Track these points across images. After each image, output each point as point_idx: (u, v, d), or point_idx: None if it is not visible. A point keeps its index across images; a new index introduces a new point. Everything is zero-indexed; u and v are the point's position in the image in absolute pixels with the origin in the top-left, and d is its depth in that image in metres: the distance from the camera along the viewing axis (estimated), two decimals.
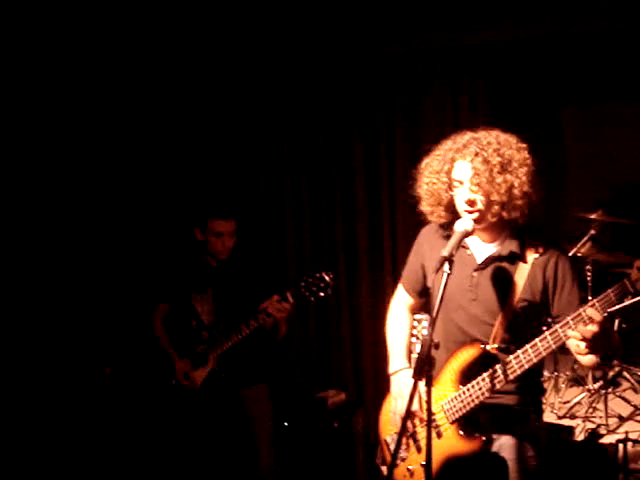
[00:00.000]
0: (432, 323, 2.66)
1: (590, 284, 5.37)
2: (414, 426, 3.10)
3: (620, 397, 5.49)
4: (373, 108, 5.40)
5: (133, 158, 5.41)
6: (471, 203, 2.87)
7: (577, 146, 6.87)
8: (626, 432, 4.54)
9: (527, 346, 2.80)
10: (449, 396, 2.98)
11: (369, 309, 5.39)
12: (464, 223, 2.83)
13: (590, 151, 6.70)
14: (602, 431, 4.85)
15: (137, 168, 5.43)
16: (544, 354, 2.79)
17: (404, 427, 2.75)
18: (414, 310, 3.39)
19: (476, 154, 2.86)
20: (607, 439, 4.67)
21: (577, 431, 4.80)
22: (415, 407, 3.04)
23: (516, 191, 2.84)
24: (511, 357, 2.83)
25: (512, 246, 2.96)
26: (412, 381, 2.90)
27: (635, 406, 5.24)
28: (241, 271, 4.38)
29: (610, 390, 5.24)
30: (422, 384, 2.79)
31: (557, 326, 2.74)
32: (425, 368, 2.62)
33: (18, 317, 4.83)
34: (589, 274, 5.40)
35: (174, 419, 4.34)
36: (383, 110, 5.38)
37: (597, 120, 6.56)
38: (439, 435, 2.98)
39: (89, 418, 4.88)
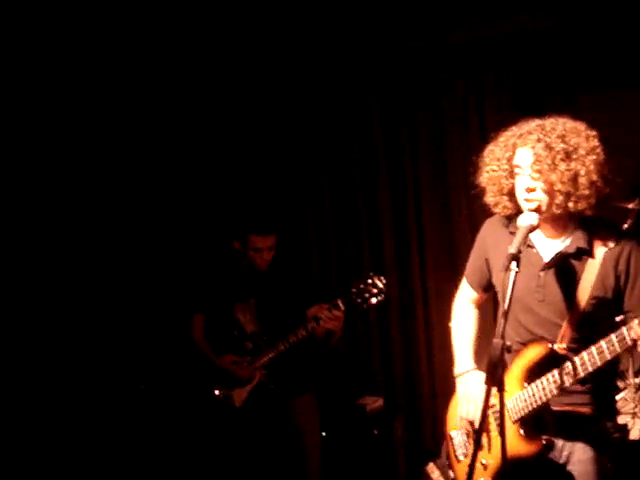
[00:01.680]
0: (503, 325, 2.53)
1: None
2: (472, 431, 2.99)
3: None
4: (395, 107, 5.34)
5: (176, 167, 5.37)
6: (530, 191, 2.74)
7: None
8: None
9: (592, 348, 2.68)
10: (514, 395, 2.87)
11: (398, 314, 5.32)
12: (529, 217, 2.72)
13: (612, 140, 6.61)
14: None
15: (179, 177, 5.38)
16: (609, 357, 2.66)
17: (479, 435, 2.61)
18: (480, 305, 3.27)
19: (538, 140, 2.74)
20: None
21: (630, 429, 4.67)
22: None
23: (583, 180, 2.71)
24: (576, 359, 2.71)
25: (580, 241, 2.83)
26: (480, 385, 2.85)
27: None
28: (283, 279, 4.28)
29: None
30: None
31: (623, 329, 2.62)
32: (498, 373, 2.50)
33: (53, 331, 4.74)
34: None
35: (218, 433, 4.24)
36: (405, 109, 5.33)
37: (613, 105, 6.42)
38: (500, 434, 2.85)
39: (126, 435, 4.76)
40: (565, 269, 2.83)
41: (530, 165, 2.74)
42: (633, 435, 4.54)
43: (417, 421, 5.28)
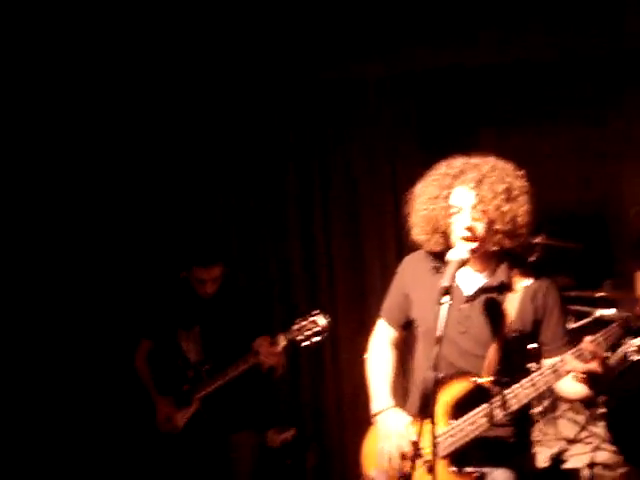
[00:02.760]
0: (436, 358, 2.55)
1: None
2: (404, 467, 2.99)
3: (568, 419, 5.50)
4: (307, 137, 5.37)
5: (123, 189, 5.24)
6: (471, 230, 2.80)
7: None
8: (593, 455, 4.60)
9: (524, 381, 2.75)
10: (439, 431, 2.86)
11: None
12: (460, 251, 2.76)
13: None
14: (565, 456, 4.87)
15: (135, 200, 5.26)
16: (542, 389, 2.76)
17: (417, 453, 2.65)
18: (396, 344, 3.26)
19: (480, 180, 2.80)
20: (571, 464, 4.71)
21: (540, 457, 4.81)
22: (406, 448, 2.94)
23: (520, 219, 2.81)
24: (508, 391, 2.77)
25: (502, 276, 2.92)
26: (402, 421, 2.97)
27: (584, 427, 5.27)
28: (230, 308, 4.19)
29: (556, 413, 5.24)
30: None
31: (557, 360, 2.73)
32: (431, 405, 2.52)
33: None
34: None
35: (155, 461, 4.12)
36: (317, 139, 5.36)
37: (512, 144, 6.67)
38: (430, 471, 2.86)
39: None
40: (488, 302, 2.90)
41: (472, 205, 2.80)
42: (540, 463, 4.67)
43: (325, 452, 5.26)
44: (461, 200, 2.83)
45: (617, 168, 6.88)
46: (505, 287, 2.90)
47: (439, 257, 2.98)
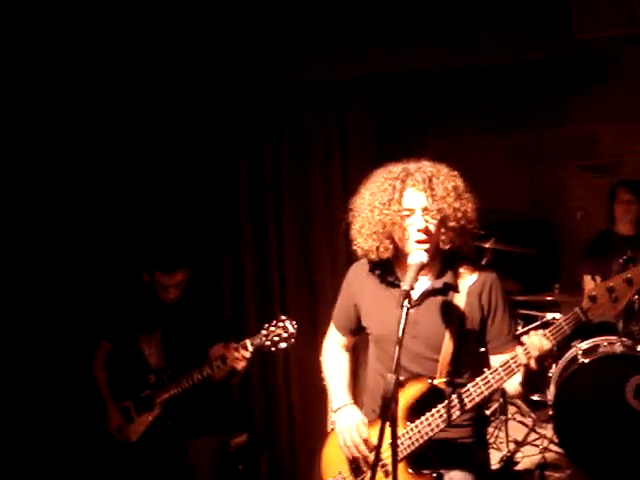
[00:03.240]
0: (397, 361, 2.58)
1: None
2: (360, 466, 3.01)
3: (518, 422, 5.57)
4: (261, 139, 5.34)
5: (94, 186, 5.17)
6: (426, 231, 2.83)
7: None
8: (543, 457, 4.66)
9: (477, 379, 2.79)
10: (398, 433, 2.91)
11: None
12: (419, 255, 2.78)
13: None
14: (517, 458, 4.94)
15: (98, 197, 5.18)
16: (495, 386, 2.79)
17: (378, 455, 2.63)
18: (349, 348, 3.34)
19: (429, 180, 2.83)
20: (522, 466, 4.77)
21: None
22: (364, 451, 2.99)
23: (470, 216, 2.86)
24: (463, 391, 2.80)
25: (446, 277, 2.94)
26: (359, 417, 3.02)
27: (533, 429, 5.35)
28: (191, 312, 4.14)
29: (508, 416, 5.31)
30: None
31: (509, 357, 2.75)
32: (391, 408, 2.54)
33: None
34: None
35: (115, 467, 4.10)
36: (270, 141, 5.33)
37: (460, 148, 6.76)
38: (386, 474, 2.89)
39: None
40: (435, 305, 2.92)
41: (425, 206, 2.83)
42: (494, 465, 4.74)
43: (276, 457, 5.26)
44: (413, 202, 2.85)
45: (563, 173, 7.04)
46: (450, 288, 2.93)
47: (382, 265, 3.02)
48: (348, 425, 3.04)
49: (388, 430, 2.67)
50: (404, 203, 2.86)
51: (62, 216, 5.09)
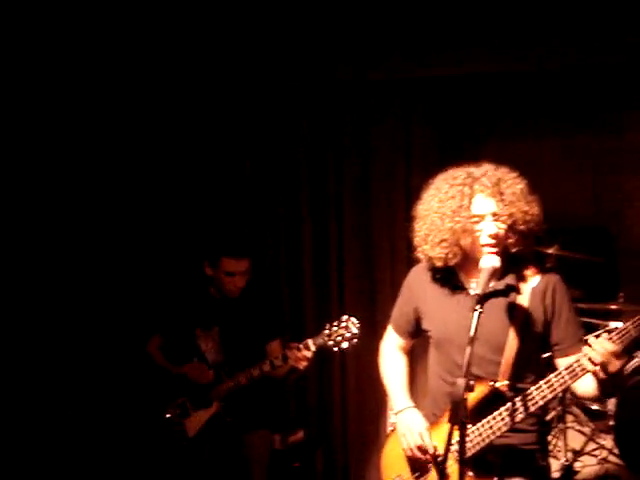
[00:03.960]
0: (468, 364, 2.57)
1: None
2: (421, 469, 3.00)
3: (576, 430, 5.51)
4: (323, 139, 5.35)
5: (146, 181, 5.21)
6: (496, 236, 2.81)
7: None
8: (603, 467, 4.59)
9: (541, 382, 2.77)
10: (457, 437, 2.89)
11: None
12: (491, 259, 2.77)
13: None
14: (576, 467, 4.87)
15: (150, 191, 5.22)
16: (559, 390, 2.77)
17: (445, 458, 2.64)
18: (407, 351, 3.35)
19: (496, 185, 2.82)
20: (581, 475, 4.70)
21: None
22: (428, 450, 2.99)
23: (537, 219, 2.88)
24: (524, 394, 2.79)
25: (508, 279, 2.93)
26: (421, 421, 3.03)
27: (592, 439, 5.27)
28: (249, 309, 4.17)
29: (566, 424, 5.24)
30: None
31: (573, 360, 2.72)
32: (460, 411, 2.54)
33: None
34: None
35: (166, 458, 4.09)
36: (333, 141, 5.34)
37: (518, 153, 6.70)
38: (447, 477, 2.87)
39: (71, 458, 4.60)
40: (497, 307, 2.91)
41: (495, 211, 2.82)
42: (554, 473, 4.69)
43: (332, 453, 5.27)
44: (483, 208, 2.85)
45: (626, 179, 6.92)
46: (512, 290, 2.91)
47: (444, 269, 3.02)
48: (411, 428, 3.05)
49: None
50: (474, 209, 2.86)
51: (126, 211, 5.16)
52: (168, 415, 4.09)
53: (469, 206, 2.86)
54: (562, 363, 2.84)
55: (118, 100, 5.09)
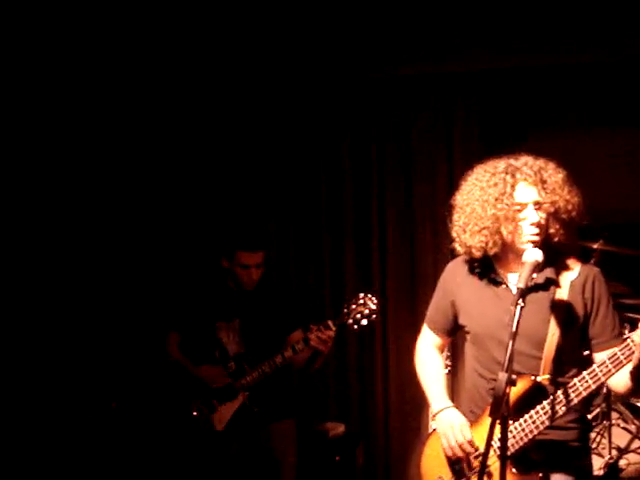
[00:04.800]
0: (509, 359, 2.54)
1: None
2: (463, 469, 2.99)
3: (621, 428, 5.42)
4: (364, 138, 5.38)
5: (161, 178, 5.29)
6: (539, 225, 2.79)
7: None
8: None
9: (584, 373, 2.74)
10: (499, 433, 2.87)
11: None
12: (534, 253, 2.74)
13: None
14: (621, 465, 4.81)
15: (167, 191, 5.29)
16: (603, 379, 2.73)
17: (487, 454, 2.63)
18: (442, 349, 3.33)
19: (539, 173, 2.79)
20: (626, 473, 4.65)
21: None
22: (469, 451, 2.97)
23: (579, 208, 2.85)
24: (567, 386, 2.76)
25: (547, 272, 2.88)
26: (462, 420, 2.97)
27: (637, 436, 5.20)
28: (270, 300, 4.20)
29: (611, 422, 5.17)
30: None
31: (616, 349, 2.70)
32: (502, 407, 2.51)
33: (24, 347, 4.58)
34: None
35: (195, 454, 4.12)
36: (375, 135, 5.36)
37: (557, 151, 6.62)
38: (489, 475, 2.85)
39: (98, 456, 4.63)
40: (535, 300, 2.86)
41: (538, 199, 2.80)
42: (599, 471, 4.64)
43: (371, 449, 5.27)
44: (525, 196, 2.82)
45: None
46: (552, 283, 2.87)
47: (481, 263, 2.99)
48: (453, 425, 3.02)
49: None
50: (516, 197, 2.83)
51: (143, 208, 5.24)
52: (195, 413, 4.12)
53: (512, 193, 2.83)
54: (600, 358, 2.80)
55: (140, 93, 5.19)
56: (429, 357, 3.29)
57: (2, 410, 4.59)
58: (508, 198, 2.83)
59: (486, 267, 2.98)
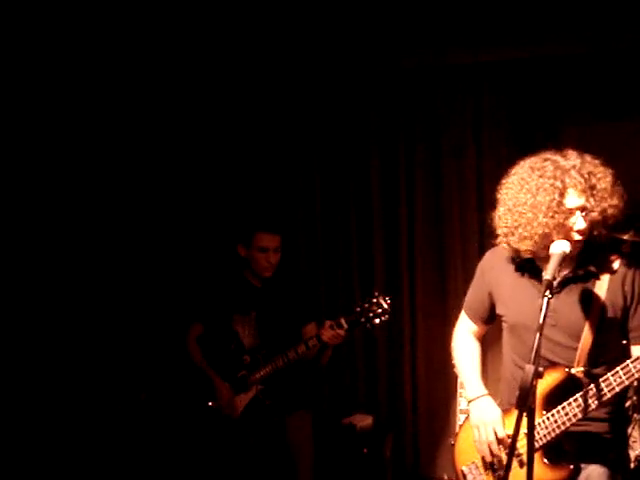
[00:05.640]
0: (536, 351, 2.51)
1: None
2: (493, 456, 2.96)
3: None
4: (392, 126, 5.35)
5: (180, 173, 5.30)
6: (583, 232, 2.75)
7: None
8: None
9: (617, 368, 2.71)
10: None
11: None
12: (562, 245, 2.71)
13: None
14: None
15: (182, 183, 5.30)
16: (637, 375, 2.69)
17: (510, 459, 2.60)
18: (480, 337, 3.30)
19: (587, 179, 2.75)
20: None
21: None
22: (497, 450, 2.95)
23: (623, 210, 2.78)
24: (601, 380, 2.73)
25: (587, 264, 2.84)
26: (495, 409, 2.98)
27: None
28: (285, 293, 4.22)
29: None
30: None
31: None
32: (529, 398, 2.48)
33: (52, 337, 4.63)
34: None
35: (212, 445, 4.15)
36: (402, 128, 5.33)
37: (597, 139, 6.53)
38: (521, 464, 2.85)
39: (126, 445, 4.66)
40: (575, 292, 2.84)
41: (587, 206, 2.74)
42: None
43: (399, 440, 5.26)
44: (575, 203, 2.75)
45: None
46: (592, 275, 2.84)
47: (517, 252, 2.94)
48: (484, 421, 3.00)
49: (524, 420, 2.61)
50: (567, 204, 2.76)
51: (164, 198, 5.25)
52: (210, 403, 4.15)
53: (562, 201, 2.76)
54: (637, 351, 2.78)
55: (151, 89, 5.21)
56: (466, 343, 3.28)
57: (38, 400, 4.62)
58: (558, 205, 2.75)
59: (525, 259, 2.95)
